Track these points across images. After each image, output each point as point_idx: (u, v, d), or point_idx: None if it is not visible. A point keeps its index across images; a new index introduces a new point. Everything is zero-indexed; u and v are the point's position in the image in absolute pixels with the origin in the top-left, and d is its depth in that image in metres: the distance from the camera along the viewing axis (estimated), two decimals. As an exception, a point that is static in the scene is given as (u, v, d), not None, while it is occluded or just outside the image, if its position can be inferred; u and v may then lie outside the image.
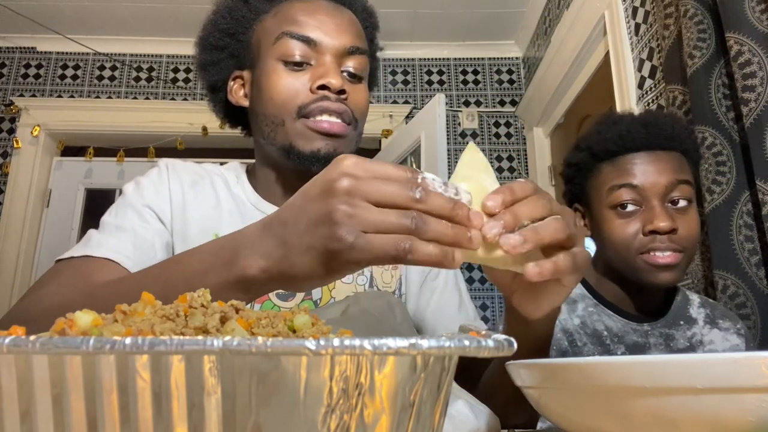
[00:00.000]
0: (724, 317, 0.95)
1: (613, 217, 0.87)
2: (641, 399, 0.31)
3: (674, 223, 0.83)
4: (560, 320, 0.91)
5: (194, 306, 0.28)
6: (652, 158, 0.86)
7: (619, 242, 0.86)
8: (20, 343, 0.22)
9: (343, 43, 0.73)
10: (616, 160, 0.88)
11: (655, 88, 1.63)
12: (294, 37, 0.72)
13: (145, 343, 0.21)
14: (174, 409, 0.22)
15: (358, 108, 0.74)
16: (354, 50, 0.74)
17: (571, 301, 0.93)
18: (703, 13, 1.28)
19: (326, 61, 0.72)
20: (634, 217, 0.86)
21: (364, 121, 0.78)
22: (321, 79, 0.70)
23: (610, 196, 0.88)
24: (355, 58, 0.74)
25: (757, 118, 1.11)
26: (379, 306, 0.67)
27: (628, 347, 0.89)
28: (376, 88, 3.34)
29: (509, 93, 3.20)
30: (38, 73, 3.09)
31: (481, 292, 2.87)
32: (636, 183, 0.85)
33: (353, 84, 0.75)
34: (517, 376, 0.41)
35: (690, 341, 0.91)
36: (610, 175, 0.88)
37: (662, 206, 0.85)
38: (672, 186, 0.85)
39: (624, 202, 0.86)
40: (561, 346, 0.90)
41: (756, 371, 0.28)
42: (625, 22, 1.85)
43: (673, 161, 0.86)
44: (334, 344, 0.22)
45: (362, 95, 0.76)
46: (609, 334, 0.90)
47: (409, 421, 0.26)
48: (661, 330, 0.91)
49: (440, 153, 2.41)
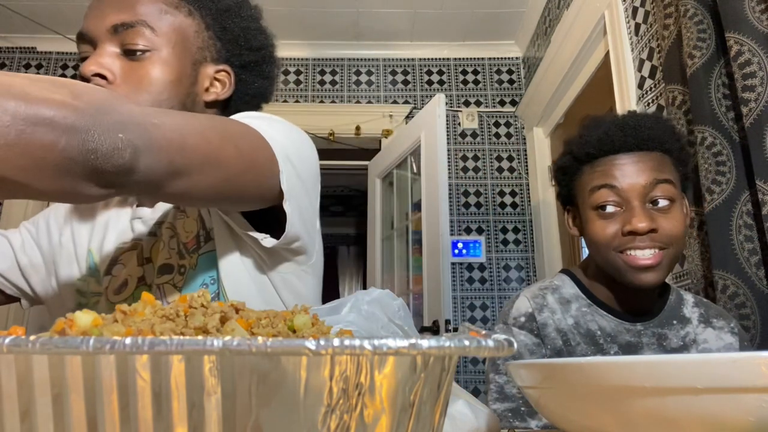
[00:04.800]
0: (718, 316, 0.95)
1: (595, 217, 0.89)
2: (641, 399, 0.31)
3: (653, 223, 0.84)
4: (554, 320, 0.92)
5: (194, 306, 0.28)
6: (631, 159, 0.87)
7: (600, 242, 0.88)
8: (20, 343, 0.22)
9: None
10: (597, 162, 0.90)
11: (655, 88, 1.63)
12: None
13: (145, 343, 0.21)
14: (174, 409, 0.22)
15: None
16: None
17: (564, 301, 0.94)
18: (703, 13, 1.28)
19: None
20: (614, 218, 0.87)
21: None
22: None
23: (591, 197, 0.89)
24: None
25: (757, 118, 1.11)
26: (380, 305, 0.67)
27: (621, 347, 0.90)
28: (376, 87, 3.31)
29: (509, 93, 3.20)
30: (38, 73, 3.09)
31: (481, 292, 2.87)
32: (615, 184, 0.87)
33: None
34: (517, 376, 0.41)
35: (683, 340, 0.91)
36: (591, 177, 0.90)
37: (642, 206, 0.85)
38: (651, 186, 0.86)
39: (604, 203, 0.87)
40: (555, 345, 0.91)
41: (756, 371, 0.28)
42: (625, 22, 1.85)
43: (652, 161, 0.87)
44: (334, 344, 0.22)
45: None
46: (602, 334, 0.91)
47: (409, 421, 0.26)
48: (654, 329, 0.92)
49: (440, 153, 2.41)
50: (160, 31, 0.69)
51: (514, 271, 2.91)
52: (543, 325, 0.92)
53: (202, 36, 0.73)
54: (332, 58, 3.26)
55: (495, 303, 2.86)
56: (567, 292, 0.96)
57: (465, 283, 2.88)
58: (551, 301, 0.94)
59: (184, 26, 0.71)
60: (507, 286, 2.88)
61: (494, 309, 2.85)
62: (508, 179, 3.05)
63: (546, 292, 0.96)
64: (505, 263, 2.92)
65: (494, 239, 2.95)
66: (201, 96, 0.73)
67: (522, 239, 2.96)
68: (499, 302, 2.86)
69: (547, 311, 0.93)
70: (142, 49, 0.68)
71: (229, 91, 0.75)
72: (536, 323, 0.92)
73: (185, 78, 0.70)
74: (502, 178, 3.05)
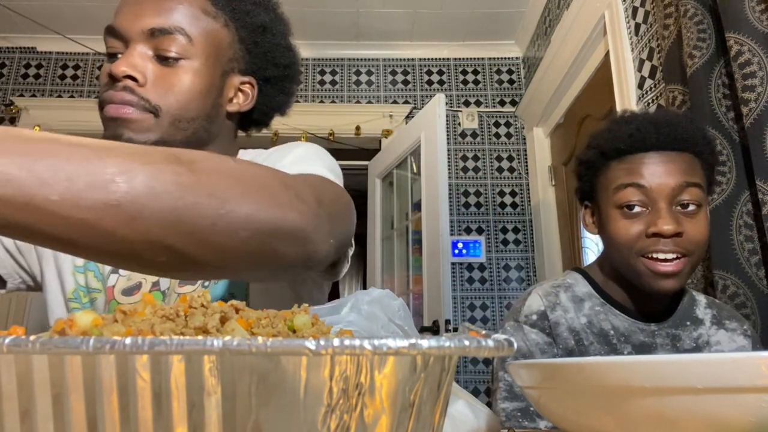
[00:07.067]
0: (731, 318, 0.94)
1: (619, 216, 0.86)
2: (641, 399, 0.31)
3: (680, 226, 0.81)
4: (567, 319, 0.90)
5: (194, 306, 0.28)
6: (661, 159, 0.84)
7: (622, 242, 0.85)
8: (20, 343, 0.22)
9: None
10: (625, 158, 0.86)
11: (655, 88, 1.63)
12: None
13: (145, 343, 0.21)
14: (174, 409, 0.22)
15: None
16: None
17: (578, 300, 0.92)
18: (703, 13, 1.28)
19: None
20: (639, 218, 0.84)
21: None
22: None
23: (616, 195, 0.86)
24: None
25: (757, 118, 1.11)
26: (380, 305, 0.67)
27: (635, 347, 0.88)
28: (376, 87, 3.29)
29: (509, 93, 3.20)
30: (38, 73, 3.09)
31: (481, 292, 2.87)
32: (643, 183, 0.83)
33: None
34: (517, 376, 0.41)
35: (696, 342, 0.90)
36: (617, 174, 0.87)
37: (669, 209, 0.82)
38: (681, 188, 0.83)
39: (630, 203, 0.84)
40: (567, 345, 0.89)
41: (756, 371, 0.28)
42: (625, 22, 1.85)
43: (683, 163, 0.84)
44: (334, 344, 0.22)
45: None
46: (616, 334, 0.89)
47: (409, 421, 0.26)
48: (668, 330, 0.90)
49: (440, 153, 2.41)
50: (196, 40, 0.68)
51: (514, 271, 2.91)
52: (555, 324, 0.90)
53: (234, 48, 0.73)
54: (332, 58, 3.26)
55: (495, 303, 2.86)
56: (580, 291, 0.93)
57: (465, 283, 2.88)
58: (564, 299, 0.92)
59: (219, 37, 0.71)
60: (507, 286, 2.88)
61: (494, 309, 2.85)
62: (508, 179, 3.05)
63: (559, 290, 0.93)
64: (505, 263, 2.92)
65: (494, 239, 2.95)
66: (224, 106, 0.73)
67: (522, 239, 2.96)
68: (499, 302, 2.86)
69: (559, 309, 0.91)
70: (176, 56, 0.67)
71: (251, 104, 0.76)
72: (548, 322, 0.90)
73: (214, 89, 0.71)
74: (502, 178, 3.05)
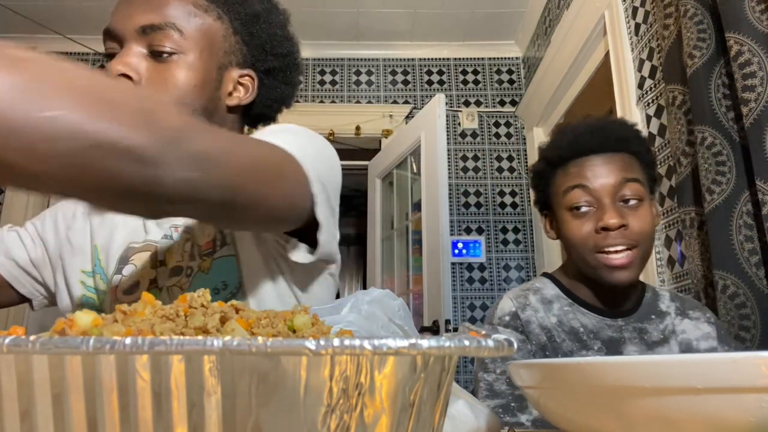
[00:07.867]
0: (695, 308, 1.00)
1: (570, 218, 0.93)
2: (641, 399, 0.31)
3: (624, 219, 0.88)
4: (537, 318, 0.95)
5: (194, 306, 0.28)
6: (601, 160, 0.92)
7: (576, 241, 0.92)
8: (20, 343, 0.22)
9: None
10: (569, 164, 0.95)
11: (655, 88, 1.63)
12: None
13: (145, 343, 0.21)
14: (174, 409, 0.22)
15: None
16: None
17: (546, 301, 0.98)
18: (703, 13, 1.28)
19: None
20: (588, 217, 0.91)
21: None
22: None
23: (565, 198, 0.94)
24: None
25: (757, 118, 1.11)
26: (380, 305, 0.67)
27: (603, 342, 0.93)
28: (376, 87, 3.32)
29: (509, 93, 3.20)
30: (38, 73, 3.10)
31: (481, 292, 2.87)
32: (587, 184, 0.91)
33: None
34: (517, 376, 0.41)
35: (663, 333, 0.95)
36: (564, 179, 0.95)
37: (613, 204, 0.89)
38: (621, 185, 0.90)
39: (578, 203, 0.92)
40: (540, 341, 0.94)
41: (756, 371, 0.28)
42: (625, 22, 1.85)
43: (621, 162, 0.92)
44: (334, 344, 0.22)
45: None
46: (585, 331, 0.94)
47: (409, 421, 0.26)
48: (634, 325, 0.95)
49: (440, 153, 2.41)
50: (188, 35, 0.68)
51: (514, 271, 2.91)
52: (527, 322, 0.95)
53: (230, 40, 0.72)
54: (332, 58, 3.26)
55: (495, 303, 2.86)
56: (548, 293, 0.99)
57: (465, 283, 2.88)
58: (533, 300, 0.98)
59: (212, 30, 0.70)
60: (507, 286, 2.88)
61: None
62: (508, 179, 3.05)
63: (528, 293, 0.99)
64: (505, 263, 2.92)
65: (494, 239, 2.95)
66: (224, 100, 0.73)
67: (522, 239, 2.96)
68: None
69: (530, 310, 0.96)
70: (169, 51, 0.67)
71: (251, 96, 0.75)
72: (520, 320, 0.95)
73: (210, 82, 0.70)
74: (502, 178, 3.05)
